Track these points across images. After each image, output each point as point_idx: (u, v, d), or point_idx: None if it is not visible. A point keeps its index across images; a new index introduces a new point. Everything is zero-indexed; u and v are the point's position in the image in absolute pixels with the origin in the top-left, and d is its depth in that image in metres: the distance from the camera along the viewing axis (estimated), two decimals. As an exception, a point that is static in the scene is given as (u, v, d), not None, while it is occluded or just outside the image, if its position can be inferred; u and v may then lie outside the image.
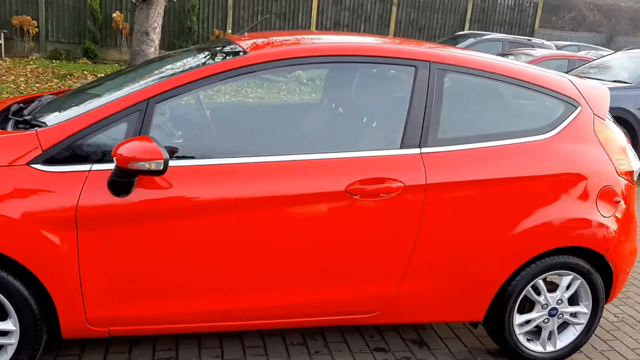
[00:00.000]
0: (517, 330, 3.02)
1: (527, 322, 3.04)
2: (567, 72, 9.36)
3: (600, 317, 3.12)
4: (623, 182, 2.99)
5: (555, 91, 2.97)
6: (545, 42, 13.62)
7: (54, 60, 12.88)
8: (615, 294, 3.16)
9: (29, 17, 13.16)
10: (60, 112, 2.63)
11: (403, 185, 2.62)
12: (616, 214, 2.97)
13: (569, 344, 3.12)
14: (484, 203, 2.75)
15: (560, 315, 3.06)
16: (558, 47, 15.66)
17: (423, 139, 2.71)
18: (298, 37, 2.94)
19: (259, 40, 2.81)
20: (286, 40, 2.85)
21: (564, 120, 2.94)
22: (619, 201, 2.98)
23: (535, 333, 3.09)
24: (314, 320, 2.77)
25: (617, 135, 3.06)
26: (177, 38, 14.00)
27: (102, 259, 2.38)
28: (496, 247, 2.80)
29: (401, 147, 2.68)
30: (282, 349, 2.99)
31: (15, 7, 13.31)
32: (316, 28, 14.82)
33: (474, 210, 2.74)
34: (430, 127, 2.72)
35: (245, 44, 2.78)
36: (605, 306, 3.76)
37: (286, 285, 2.64)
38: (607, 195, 2.94)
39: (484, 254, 2.80)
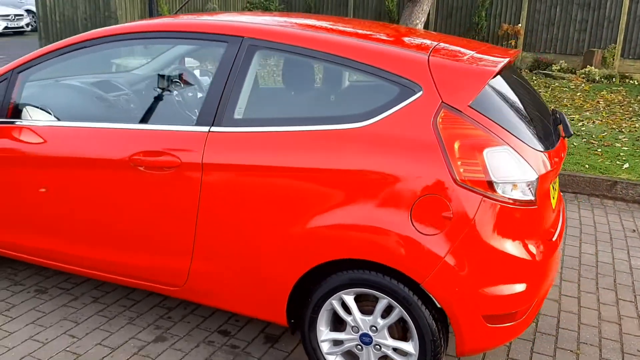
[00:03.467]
0: (325, 348, 2.60)
1: (340, 342, 2.58)
2: None
3: (433, 364, 2.41)
4: (467, 194, 2.25)
5: (388, 71, 2.41)
6: None
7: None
8: (467, 346, 2.36)
9: (339, 19, 14.91)
10: None
11: (179, 161, 2.60)
12: (446, 234, 2.26)
13: (391, 388, 2.52)
14: (266, 191, 2.49)
15: (378, 347, 2.49)
16: None
17: (217, 118, 2.60)
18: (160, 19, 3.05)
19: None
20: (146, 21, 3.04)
21: (391, 108, 2.38)
22: (449, 218, 2.26)
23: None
24: (131, 281, 2.92)
25: (478, 132, 2.30)
26: (464, 34, 13.87)
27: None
28: (278, 243, 2.50)
29: (196, 125, 2.64)
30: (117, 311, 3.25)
31: (330, 12, 15.24)
32: (627, 18, 12.69)
33: (254, 197, 2.51)
34: (227, 107, 2.60)
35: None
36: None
37: (95, 240, 2.89)
38: (429, 206, 2.28)
39: (265, 248, 2.53)
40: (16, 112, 3.04)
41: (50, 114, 2.99)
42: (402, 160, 2.31)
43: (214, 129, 2.59)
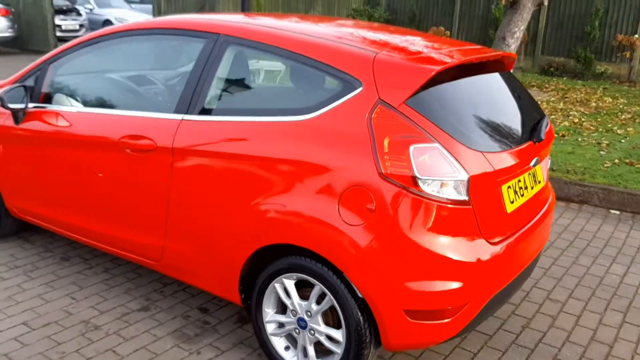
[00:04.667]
0: (269, 329, 2.72)
1: (283, 325, 2.70)
2: None
3: (358, 356, 2.45)
4: (390, 187, 2.29)
5: (334, 67, 2.51)
6: None
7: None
8: (391, 340, 2.39)
9: (443, 28, 14.75)
10: None
11: (155, 145, 2.87)
12: (370, 226, 2.31)
13: (322, 373, 2.59)
14: (222, 176, 2.68)
15: (312, 332, 2.58)
16: None
17: (191, 107, 2.83)
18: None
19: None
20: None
21: (333, 102, 2.47)
22: (372, 210, 2.31)
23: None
24: (120, 252, 3.22)
25: (408, 129, 2.31)
26: (575, 44, 13.15)
27: (7, 165, 3.60)
28: (230, 225, 2.67)
29: (173, 112, 2.89)
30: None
31: (435, 19, 15.13)
32: None
33: (213, 181, 2.71)
34: (199, 96, 2.82)
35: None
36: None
37: (94, 213, 3.23)
38: (354, 198, 2.34)
39: (220, 230, 2.71)
40: (47, 98, 3.47)
41: (77, 100, 3.39)
42: (336, 152, 2.39)
43: (186, 117, 2.82)
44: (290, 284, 2.60)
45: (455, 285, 2.34)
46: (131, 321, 3.12)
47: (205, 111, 2.78)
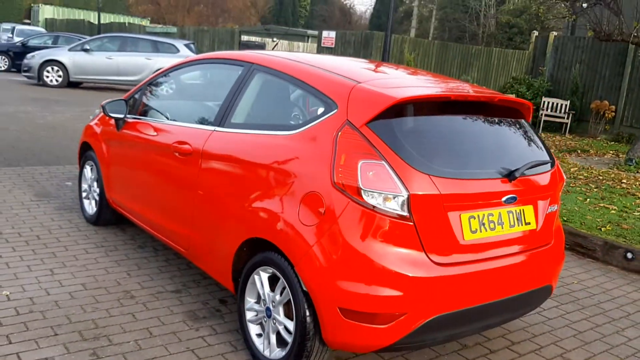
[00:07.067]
0: (248, 316, 3.09)
1: (257, 313, 3.05)
2: None
3: (303, 350, 2.72)
4: (338, 195, 2.60)
5: (319, 91, 2.93)
6: None
7: (612, 142, 13.37)
8: (329, 335, 2.63)
9: (607, 102, 14.02)
10: None
11: (191, 148, 3.47)
12: (319, 228, 2.63)
13: None
14: (226, 176, 3.19)
15: (275, 322, 2.90)
16: None
17: (223, 121, 3.41)
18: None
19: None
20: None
21: (314, 121, 2.87)
22: (322, 213, 2.63)
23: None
24: (168, 241, 3.83)
25: (362, 147, 2.62)
26: None
27: (109, 162, 4.47)
28: (228, 218, 3.14)
29: (211, 124, 3.49)
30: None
31: (600, 93, 14.43)
32: None
33: (221, 179, 3.23)
34: (230, 113, 3.39)
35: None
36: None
37: (156, 205, 3.92)
38: (311, 201, 2.68)
39: (222, 222, 3.19)
40: (142, 112, 4.30)
41: (156, 114, 4.17)
42: (308, 162, 2.77)
43: (217, 128, 3.40)
44: (265, 276, 2.97)
45: (388, 292, 2.53)
46: (160, 298, 3.68)
47: (229, 124, 3.33)
